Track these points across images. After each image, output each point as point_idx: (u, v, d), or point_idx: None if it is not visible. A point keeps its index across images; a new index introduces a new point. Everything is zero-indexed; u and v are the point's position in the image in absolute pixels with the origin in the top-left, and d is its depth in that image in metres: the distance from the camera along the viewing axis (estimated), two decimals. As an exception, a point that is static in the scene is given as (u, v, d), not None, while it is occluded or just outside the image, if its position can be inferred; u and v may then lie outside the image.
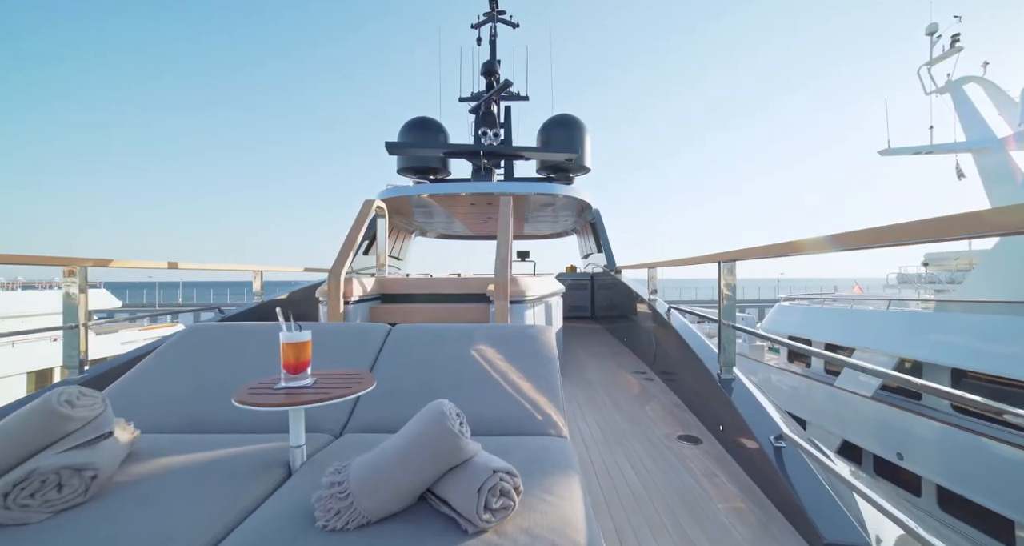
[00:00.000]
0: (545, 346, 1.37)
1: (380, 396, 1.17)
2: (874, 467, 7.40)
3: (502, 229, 2.62)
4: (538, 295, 2.73)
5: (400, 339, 1.42)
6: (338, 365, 1.23)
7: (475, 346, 1.32)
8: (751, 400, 1.73)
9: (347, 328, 1.50)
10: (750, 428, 1.51)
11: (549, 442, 1.03)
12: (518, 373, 1.19)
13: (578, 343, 4.63)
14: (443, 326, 1.49)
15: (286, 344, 1.01)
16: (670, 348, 2.69)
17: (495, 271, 2.44)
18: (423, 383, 1.18)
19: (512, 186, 5.55)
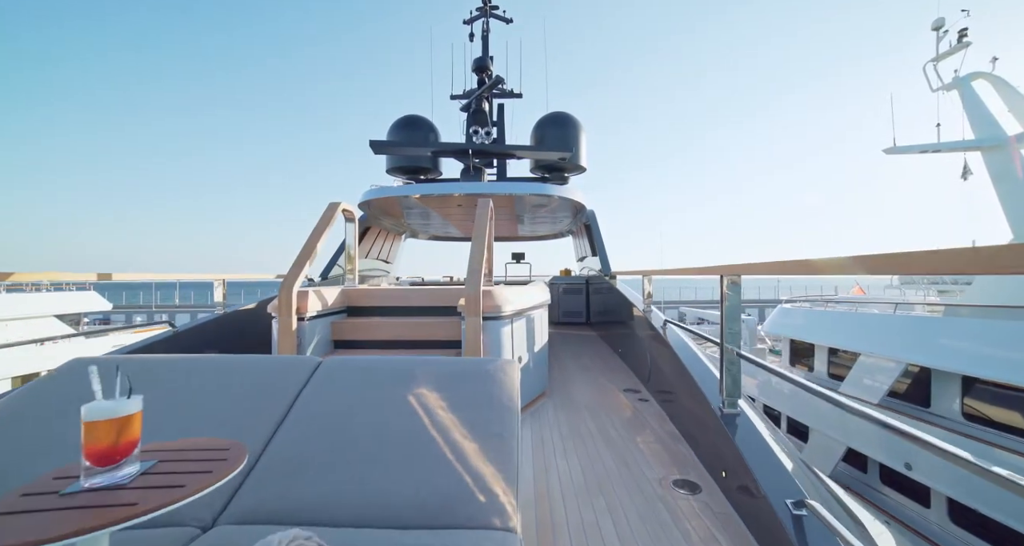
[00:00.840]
0: (505, 389, 1.09)
1: (279, 465, 0.90)
2: (880, 476, 7.16)
3: (477, 234, 2.37)
4: (518, 309, 2.44)
5: (327, 377, 1.16)
6: (237, 414, 0.98)
7: (415, 389, 1.06)
8: (761, 446, 1.42)
9: (263, 363, 1.23)
10: (758, 483, 1.25)
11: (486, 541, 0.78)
12: (463, 429, 0.93)
13: (569, 353, 4.38)
14: (382, 360, 1.22)
15: (91, 424, 0.67)
16: (666, 367, 2.43)
17: (466, 282, 2.13)
18: (337, 446, 0.91)
19: (502, 186, 5.30)
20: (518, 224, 8.17)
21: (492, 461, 0.84)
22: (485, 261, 2.94)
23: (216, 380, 1.11)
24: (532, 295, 2.75)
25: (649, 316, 3.02)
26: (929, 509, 6.04)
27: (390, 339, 2.61)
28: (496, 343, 2.22)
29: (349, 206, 2.96)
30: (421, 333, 2.61)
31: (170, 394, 1.07)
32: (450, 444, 0.87)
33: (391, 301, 2.87)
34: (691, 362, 2.07)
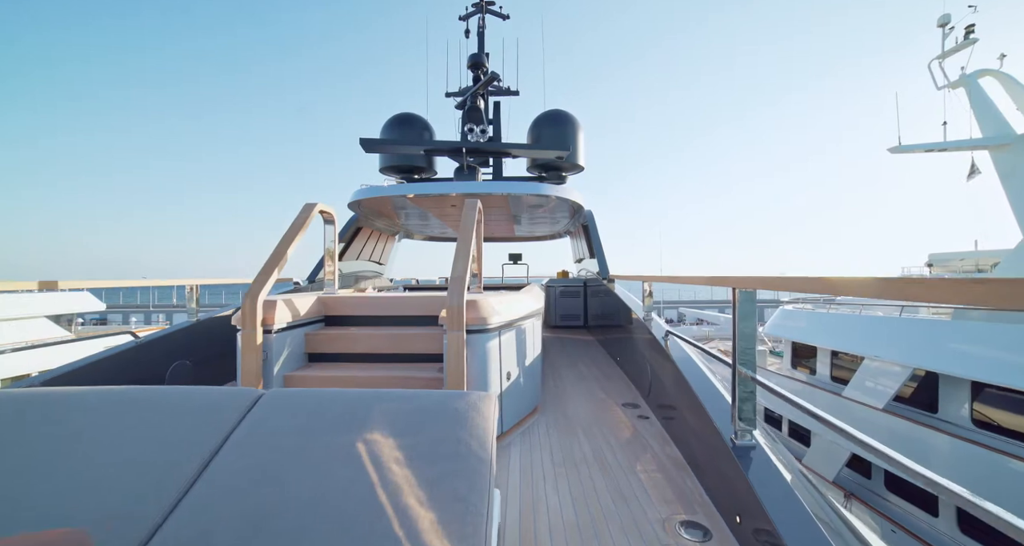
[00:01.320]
0: (477, 434, 0.88)
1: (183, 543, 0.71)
2: (885, 482, 6.99)
3: (462, 237, 2.18)
4: (507, 320, 2.22)
5: (264, 418, 0.96)
6: (137, 472, 0.78)
7: (368, 433, 0.87)
8: (782, 488, 1.21)
9: (191, 396, 1.03)
10: (781, 537, 1.07)
11: None
12: (421, 491, 0.72)
13: (565, 360, 4.18)
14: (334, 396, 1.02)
15: None
16: (668, 382, 2.23)
17: (448, 291, 1.90)
18: (252, 520, 0.72)
19: (497, 186, 5.12)
20: (515, 225, 7.99)
21: (453, 537, 0.65)
22: (474, 265, 2.75)
23: (123, 421, 0.92)
24: (523, 304, 2.56)
25: (649, 325, 2.83)
26: (937, 518, 5.87)
27: (369, 352, 2.44)
28: (481, 358, 2.05)
29: (327, 207, 2.77)
30: (403, 345, 2.44)
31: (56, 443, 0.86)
32: (402, 513, 0.68)
33: (371, 310, 2.69)
34: (697, 381, 1.87)
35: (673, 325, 23.65)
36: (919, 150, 8.37)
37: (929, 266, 15.94)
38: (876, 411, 6.77)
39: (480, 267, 2.78)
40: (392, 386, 2.17)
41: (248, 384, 1.91)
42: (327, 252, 2.89)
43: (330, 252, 2.89)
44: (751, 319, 1.45)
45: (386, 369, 2.28)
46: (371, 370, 2.28)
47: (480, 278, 2.79)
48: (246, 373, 1.93)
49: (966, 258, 14.45)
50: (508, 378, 2.17)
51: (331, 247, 2.87)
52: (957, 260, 14.77)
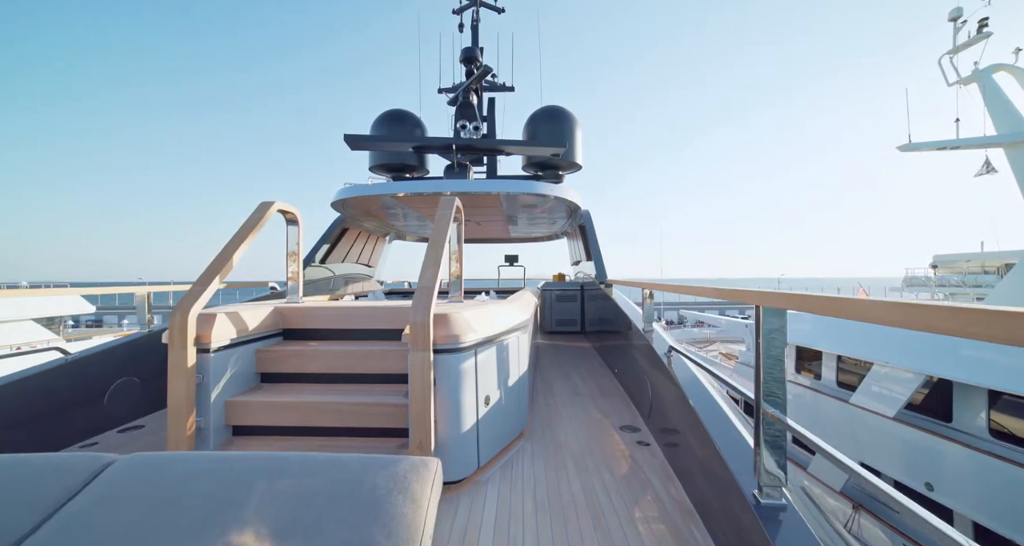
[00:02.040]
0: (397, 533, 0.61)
1: None
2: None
3: (434, 241, 1.88)
4: (485, 336, 1.90)
5: (104, 497, 0.67)
6: None
7: (231, 534, 0.60)
8: None
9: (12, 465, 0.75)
10: None
11: None
12: None
13: (559, 373, 3.87)
14: (210, 461, 0.74)
15: None
16: (671, 405, 1.93)
17: (413, 304, 1.62)
18: None
19: (488, 185, 4.84)
20: (510, 226, 7.71)
21: None
22: (455, 269, 2.47)
23: None
24: (506, 316, 2.21)
25: (651, 338, 2.54)
26: (952, 533, 5.58)
27: (329, 371, 2.14)
28: (453, 383, 1.76)
29: (289, 206, 2.48)
30: (369, 364, 2.12)
31: None
32: None
33: (336, 322, 2.37)
34: (708, 413, 1.57)
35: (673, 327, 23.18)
36: (930, 148, 8.09)
37: (934, 268, 15.67)
38: (886, 420, 6.49)
39: (461, 271, 2.50)
40: (351, 414, 1.89)
41: (177, 414, 1.64)
42: (290, 256, 2.60)
43: (294, 256, 2.60)
44: (778, 344, 1.16)
45: (346, 393, 2.01)
46: (329, 393, 2.00)
47: (461, 284, 2.51)
48: (174, 402, 1.66)
49: (972, 260, 14.18)
50: (487, 403, 1.89)
51: (295, 250, 2.57)
52: (963, 261, 14.49)
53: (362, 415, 1.87)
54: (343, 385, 2.08)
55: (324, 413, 1.87)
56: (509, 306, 2.32)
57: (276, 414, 1.89)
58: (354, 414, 1.87)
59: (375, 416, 1.87)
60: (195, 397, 1.65)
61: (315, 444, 1.84)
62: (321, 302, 2.74)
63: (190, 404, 1.62)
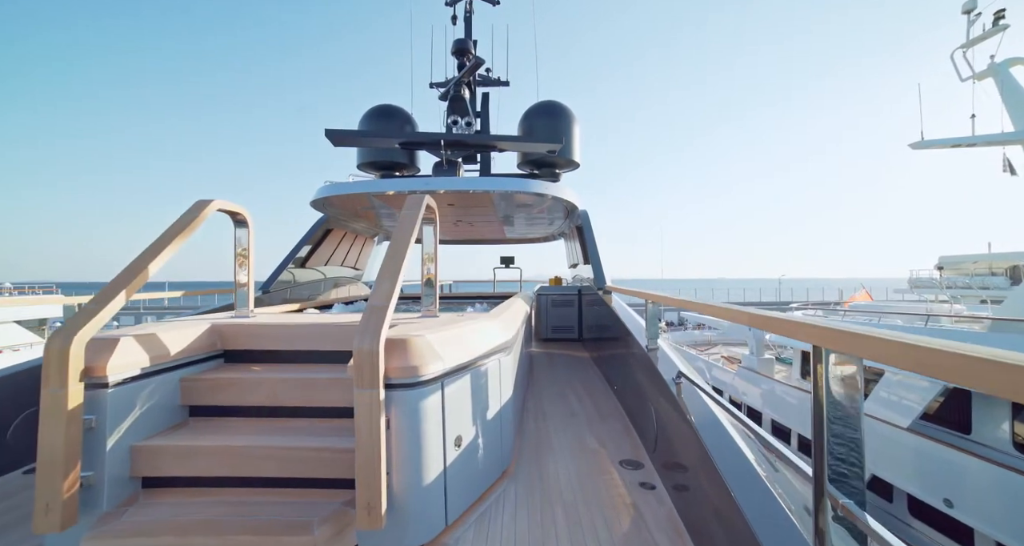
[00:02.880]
0: None
1: None
2: (909, 507, 6.37)
3: (394, 248, 1.56)
4: (457, 363, 1.56)
5: None
6: None
7: None
8: None
9: None
10: None
11: None
12: None
13: (554, 389, 3.51)
14: None
15: None
16: (681, 443, 1.65)
17: (360, 327, 1.27)
18: None
19: (477, 182, 4.52)
20: (505, 226, 7.38)
21: None
22: (428, 273, 2.14)
23: None
24: (485, 336, 1.85)
25: (655, 357, 2.19)
26: (972, 552, 5.26)
27: (272, 404, 1.74)
28: (413, 425, 1.40)
29: (233, 206, 2.12)
30: (320, 394, 1.71)
31: None
32: None
33: (287, 341, 1.94)
34: (733, 470, 1.22)
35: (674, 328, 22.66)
36: (944, 145, 7.77)
37: (939, 269, 15.36)
38: (901, 430, 6.16)
39: (437, 279, 2.16)
40: (293, 461, 1.51)
41: (50, 469, 1.24)
42: (238, 261, 2.23)
43: (243, 261, 2.23)
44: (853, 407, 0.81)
45: (289, 432, 1.64)
46: (269, 433, 1.64)
47: (436, 294, 2.16)
48: (46, 455, 1.23)
49: (979, 261, 13.87)
50: (458, 445, 1.56)
51: (244, 254, 2.20)
52: (970, 263, 14.18)
53: (307, 462, 1.50)
54: (291, 420, 1.72)
55: (259, 460, 1.51)
56: (490, 323, 1.97)
57: (199, 461, 1.51)
58: (297, 461, 1.51)
59: (322, 463, 1.50)
60: (81, 446, 1.30)
61: (245, 499, 1.48)
62: (275, 315, 2.38)
63: (73, 456, 1.26)
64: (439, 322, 1.83)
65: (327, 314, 2.95)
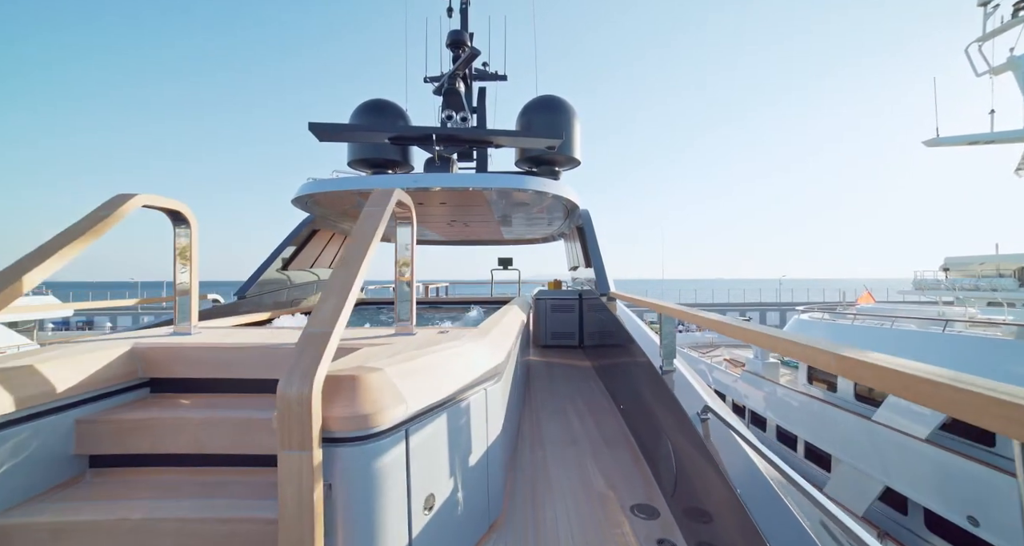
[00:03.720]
0: None
1: None
2: (926, 522, 6.06)
3: (349, 256, 1.24)
4: (432, 403, 1.23)
5: None
6: None
7: None
8: None
9: None
10: None
11: None
12: None
13: (552, 408, 3.22)
14: None
15: None
16: (709, 495, 1.34)
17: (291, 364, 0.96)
18: None
19: (470, 179, 4.21)
20: (502, 227, 7.06)
21: None
22: (402, 277, 1.82)
23: None
24: (467, 364, 1.49)
25: (672, 382, 1.84)
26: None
27: (194, 452, 1.36)
28: (364, 489, 1.04)
29: (166, 201, 1.77)
30: (254, 439, 1.34)
31: None
32: None
33: (219, 367, 1.56)
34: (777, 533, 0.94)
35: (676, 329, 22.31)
36: (960, 142, 7.46)
37: (945, 271, 15.09)
38: (919, 442, 5.86)
39: (413, 288, 1.83)
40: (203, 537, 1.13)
41: None
42: (178, 265, 1.89)
43: (184, 262, 1.89)
44: None
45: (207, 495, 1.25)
46: (181, 492, 1.26)
47: (412, 306, 1.84)
48: None
49: (987, 262, 13.59)
50: (429, 507, 1.22)
51: (185, 256, 1.86)
52: (976, 264, 13.90)
53: (218, 538, 1.12)
54: (220, 471, 1.36)
55: (155, 537, 1.12)
56: (474, 345, 1.63)
57: (74, 540, 1.11)
58: (207, 538, 1.12)
59: (241, 539, 1.12)
60: None
61: None
62: (225, 331, 2.03)
63: None
64: (411, 344, 1.51)
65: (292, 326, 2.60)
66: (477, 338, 1.76)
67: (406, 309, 1.83)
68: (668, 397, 1.81)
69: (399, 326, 1.84)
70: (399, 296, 1.83)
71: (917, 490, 5.84)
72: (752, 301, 35.82)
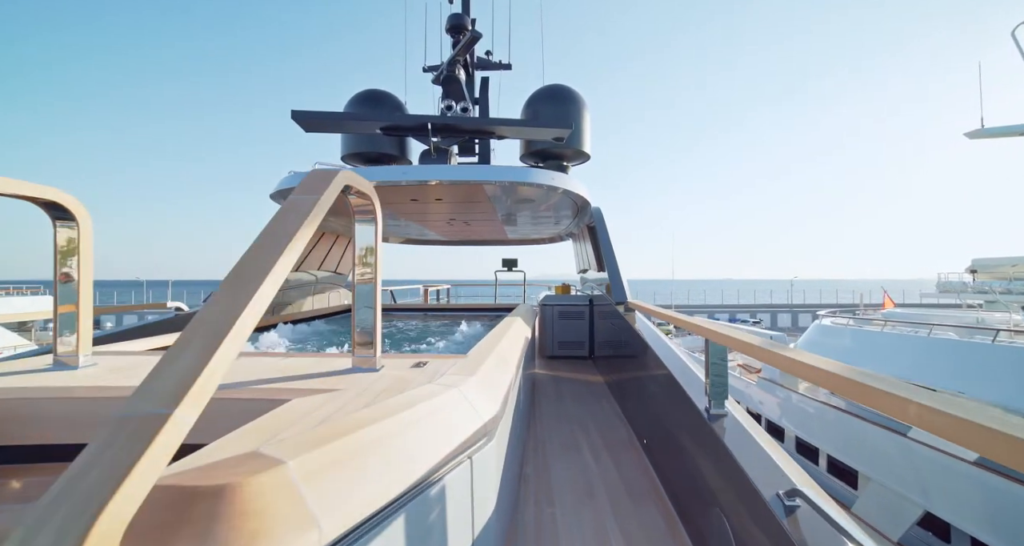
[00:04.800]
0: None
1: None
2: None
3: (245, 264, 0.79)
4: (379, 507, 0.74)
5: None
6: None
7: None
8: None
9: None
10: None
11: None
12: None
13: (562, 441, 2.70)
14: None
15: None
16: None
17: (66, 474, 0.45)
18: None
19: (468, 171, 3.76)
20: (506, 226, 6.58)
21: None
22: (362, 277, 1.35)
23: None
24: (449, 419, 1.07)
25: (722, 431, 1.38)
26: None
27: None
28: None
29: (46, 191, 1.28)
30: None
31: None
32: None
33: (76, 428, 1.08)
34: None
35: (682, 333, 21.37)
36: (1008, 134, 6.86)
37: (972, 273, 14.39)
38: (966, 464, 5.28)
39: (378, 301, 1.36)
40: None
41: None
42: (60, 275, 1.39)
43: (66, 269, 1.41)
44: None
45: None
46: None
47: (377, 332, 1.37)
48: None
49: (1019, 264, 12.87)
50: None
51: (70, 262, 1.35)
52: (1008, 266, 13.18)
53: None
54: None
55: None
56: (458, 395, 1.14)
57: None
58: None
59: None
60: None
61: None
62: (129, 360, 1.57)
63: None
64: (364, 393, 1.05)
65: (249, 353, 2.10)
66: (464, 377, 1.29)
67: (368, 333, 1.37)
68: (720, 453, 1.33)
69: (358, 357, 1.37)
70: (358, 316, 1.37)
71: (963, 517, 5.28)
72: (762, 302, 34.99)
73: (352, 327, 1.38)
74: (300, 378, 1.26)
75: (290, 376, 1.27)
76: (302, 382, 1.20)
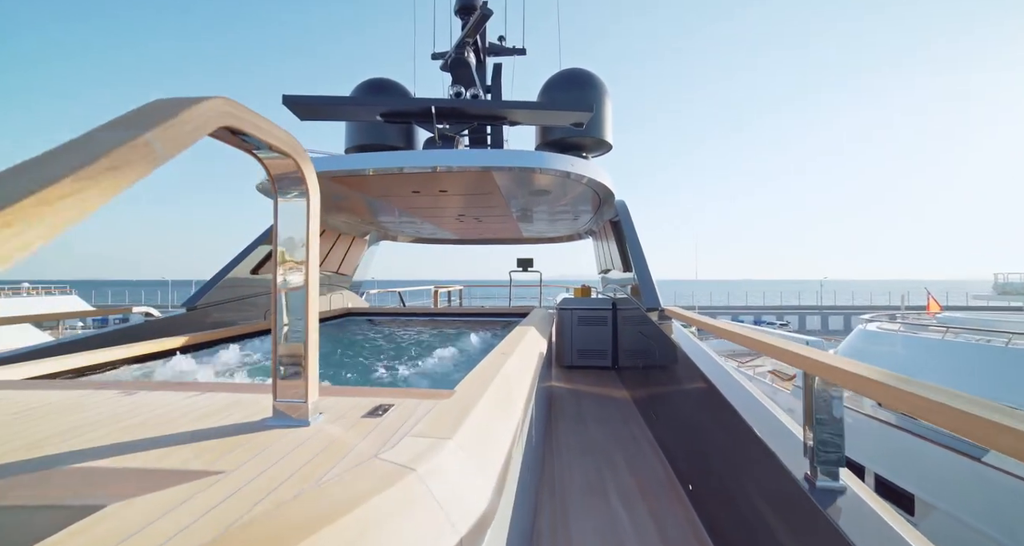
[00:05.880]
0: None
1: None
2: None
3: None
4: None
5: None
6: None
7: None
8: None
9: None
10: None
11: None
12: None
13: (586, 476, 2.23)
14: None
15: None
16: None
17: None
18: None
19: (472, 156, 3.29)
20: (521, 223, 6.07)
21: None
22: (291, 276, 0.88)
23: None
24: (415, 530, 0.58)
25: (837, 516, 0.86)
26: None
27: None
28: None
29: None
30: None
31: None
32: None
33: None
34: None
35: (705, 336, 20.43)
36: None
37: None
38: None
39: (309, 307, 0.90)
40: None
41: None
42: None
43: None
44: None
45: None
46: None
47: (309, 346, 0.90)
48: None
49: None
50: None
51: None
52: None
53: None
54: None
55: None
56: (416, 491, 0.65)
57: None
58: None
59: None
60: None
61: None
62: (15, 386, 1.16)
63: None
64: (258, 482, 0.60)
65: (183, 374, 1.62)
66: (438, 440, 0.81)
67: (297, 363, 0.90)
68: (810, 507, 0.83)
69: (281, 402, 0.90)
70: (278, 339, 0.90)
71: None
72: (790, 304, 33.51)
73: (273, 354, 0.91)
74: (163, 443, 0.78)
75: (144, 441, 0.80)
76: (161, 453, 0.74)
